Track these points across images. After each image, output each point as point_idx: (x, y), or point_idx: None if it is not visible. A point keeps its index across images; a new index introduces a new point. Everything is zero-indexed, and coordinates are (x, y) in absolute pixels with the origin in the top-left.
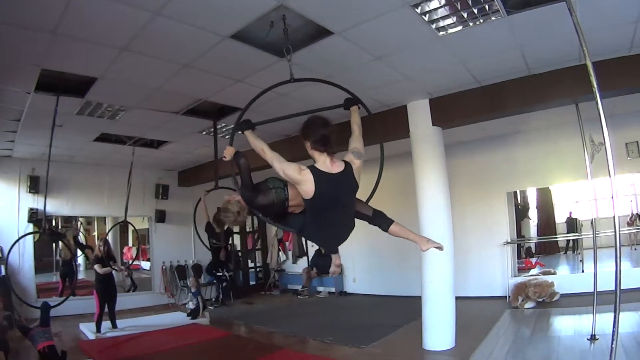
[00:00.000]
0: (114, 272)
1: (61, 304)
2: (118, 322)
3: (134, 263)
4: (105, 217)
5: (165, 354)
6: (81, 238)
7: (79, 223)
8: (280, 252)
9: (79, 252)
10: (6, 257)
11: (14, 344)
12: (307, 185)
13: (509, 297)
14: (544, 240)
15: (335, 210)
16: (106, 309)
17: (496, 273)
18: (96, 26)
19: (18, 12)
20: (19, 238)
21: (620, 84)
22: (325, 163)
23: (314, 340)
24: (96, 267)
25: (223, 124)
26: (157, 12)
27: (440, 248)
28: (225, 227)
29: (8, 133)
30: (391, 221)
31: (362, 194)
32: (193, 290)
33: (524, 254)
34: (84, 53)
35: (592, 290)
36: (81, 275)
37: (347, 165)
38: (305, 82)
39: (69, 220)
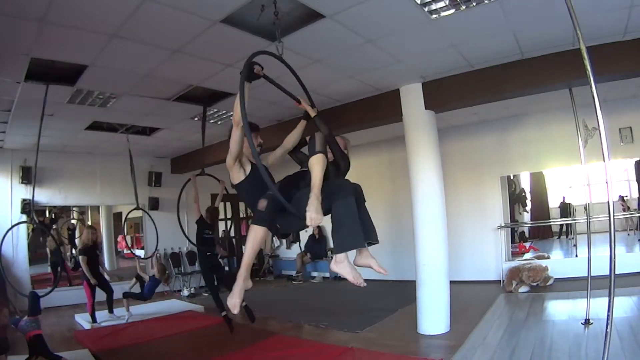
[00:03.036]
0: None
1: (49, 293)
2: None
3: (128, 252)
4: (98, 207)
5: (160, 342)
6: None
7: (74, 213)
8: (274, 238)
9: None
10: None
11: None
12: None
13: (503, 281)
14: (538, 224)
15: None
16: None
17: (490, 257)
18: (85, 13)
19: (5, 0)
20: (9, 229)
21: (614, 69)
22: None
23: (309, 325)
24: (81, 258)
25: (214, 110)
26: None
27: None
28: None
29: None
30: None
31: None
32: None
33: (517, 239)
34: (74, 40)
35: (586, 274)
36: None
37: None
38: (303, 66)
39: (63, 210)
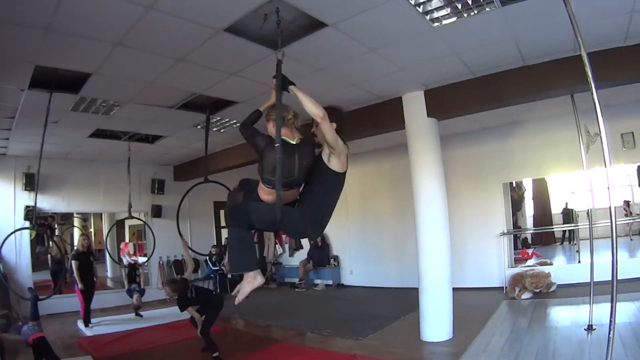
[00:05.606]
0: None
1: (47, 298)
2: (116, 317)
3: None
4: (101, 214)
5: (162, 349)
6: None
7: (75, 220)
8: (277, 246)
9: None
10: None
11: (10, 343)
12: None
13: (506, 288)
14: (540, 231)
15: None
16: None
17: (493, 264)
18: (89, 21)
19: (10, 8)
20: (9, 234)
21: (616, 75)
22: None
23: (312, 332)
24: (73, 263)
25: (217, 118)
26: (149, 6)
27: None
28: None
29: (3, 131)
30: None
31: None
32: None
33: (520, 245)
34: (78, 49)
35: (589, 280)
36: None
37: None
38: (305, 75)
39: (65, 217)
